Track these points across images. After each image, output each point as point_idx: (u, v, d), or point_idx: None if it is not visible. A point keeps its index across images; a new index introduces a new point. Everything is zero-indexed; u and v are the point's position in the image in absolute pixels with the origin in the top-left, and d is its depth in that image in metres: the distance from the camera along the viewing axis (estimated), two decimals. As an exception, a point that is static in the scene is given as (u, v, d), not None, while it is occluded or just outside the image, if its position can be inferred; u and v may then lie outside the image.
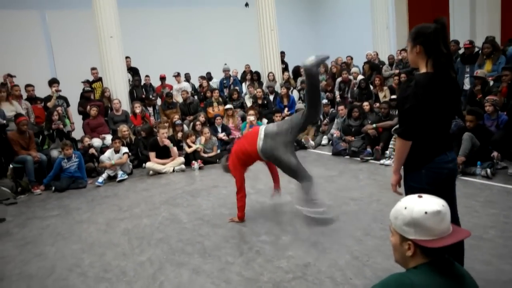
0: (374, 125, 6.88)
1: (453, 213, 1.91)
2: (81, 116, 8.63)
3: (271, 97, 9.80)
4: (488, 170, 4.92)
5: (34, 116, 7.54)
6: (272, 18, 10.72)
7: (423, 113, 2.04)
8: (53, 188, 6.37)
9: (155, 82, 10.26)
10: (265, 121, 8.72)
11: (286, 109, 9.20)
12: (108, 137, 7.72)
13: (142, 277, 3.18)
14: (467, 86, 7.18)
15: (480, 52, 7.26)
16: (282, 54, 11.50)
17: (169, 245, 3.76)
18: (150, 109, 9.26)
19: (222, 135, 8.18)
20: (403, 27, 12.59)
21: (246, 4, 12.80)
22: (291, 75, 11.11)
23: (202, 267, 3.24)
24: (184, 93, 9.30)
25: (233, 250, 3.51)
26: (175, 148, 7.19)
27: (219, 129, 8.33)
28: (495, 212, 3.83)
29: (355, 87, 9.15)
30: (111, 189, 6.21)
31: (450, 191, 2.22)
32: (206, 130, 7.67)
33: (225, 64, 10.75)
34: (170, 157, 7.14)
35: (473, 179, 4.94)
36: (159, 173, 6.91)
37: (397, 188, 2.28)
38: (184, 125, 8.23)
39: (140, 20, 12.36)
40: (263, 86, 10.26)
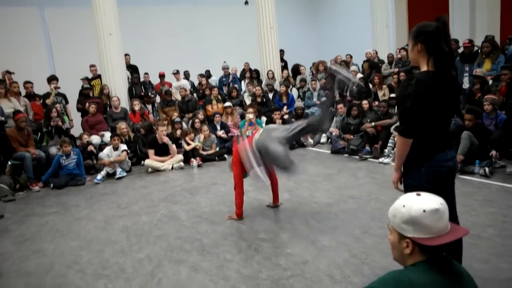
0: (373, 124, 6.89)
1: (452, 212, 1.91)
2: (80, 113, 8.61)
3: (270, 95, 9.79)
4: (487, 169, 4.93)
5: (33, 113, 7.54)
6: (272, 17, 10.70)
7: (424, 112, 2.04)
8: (52, 185, 6.36)
9: (154, 80, 10.23)
10: (264, 119, 8.73)
11: (285, 107, 9.20)
12: (107, 135, 7.71)
13: (141, 274, 3.18)
14: (466, 85, 7.18)
15: (480, 51, 7.27)
16: (282, 52, 11.48)
17: (168, 242, 3.76)
18: (149, 107, 9.24)
19: (221, 133, 8.18)
20: (403, 26, 12.61)
21: (246, 2, 12.76)
22: (290, 73, 11.10)
23: (201, 265, 3.25)
24: (183, 91, 9.28)
25: (232, 248, 3.51)
26: (174, 146, 7.18)
27: (218, 127, 8.34)
28: (493, 211, 3.84)
29: (355, 86, 9.13)
30: (110, 186, 6.20)
31: (450, 189, 2.23)
32: (205, 128, 7.67)
33: (224, 62, 10.73)
34: (169, 155, 7.13)
35: (472, 178, 4.95)
36: (158, 171, 6.90)
37: (398, 185, 2.29)
38: (183, 123, 8.23)
39: (140, 18, 12.31)
40: (262, 84, 10.25)
